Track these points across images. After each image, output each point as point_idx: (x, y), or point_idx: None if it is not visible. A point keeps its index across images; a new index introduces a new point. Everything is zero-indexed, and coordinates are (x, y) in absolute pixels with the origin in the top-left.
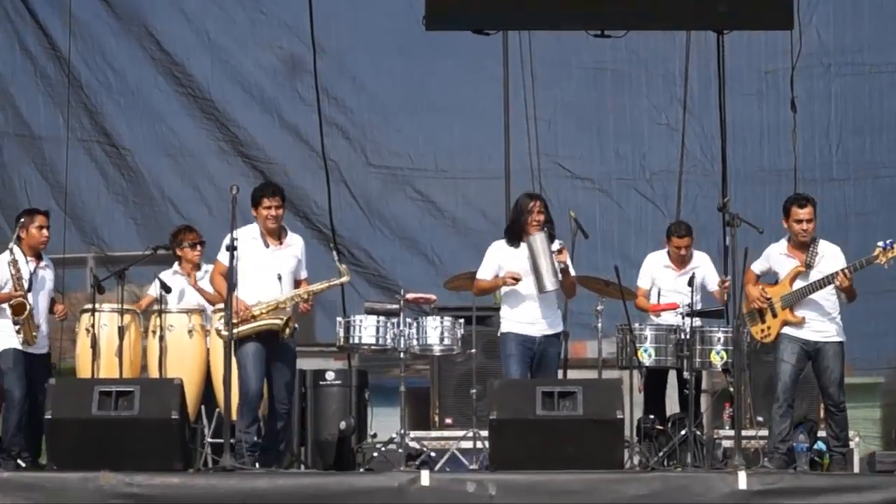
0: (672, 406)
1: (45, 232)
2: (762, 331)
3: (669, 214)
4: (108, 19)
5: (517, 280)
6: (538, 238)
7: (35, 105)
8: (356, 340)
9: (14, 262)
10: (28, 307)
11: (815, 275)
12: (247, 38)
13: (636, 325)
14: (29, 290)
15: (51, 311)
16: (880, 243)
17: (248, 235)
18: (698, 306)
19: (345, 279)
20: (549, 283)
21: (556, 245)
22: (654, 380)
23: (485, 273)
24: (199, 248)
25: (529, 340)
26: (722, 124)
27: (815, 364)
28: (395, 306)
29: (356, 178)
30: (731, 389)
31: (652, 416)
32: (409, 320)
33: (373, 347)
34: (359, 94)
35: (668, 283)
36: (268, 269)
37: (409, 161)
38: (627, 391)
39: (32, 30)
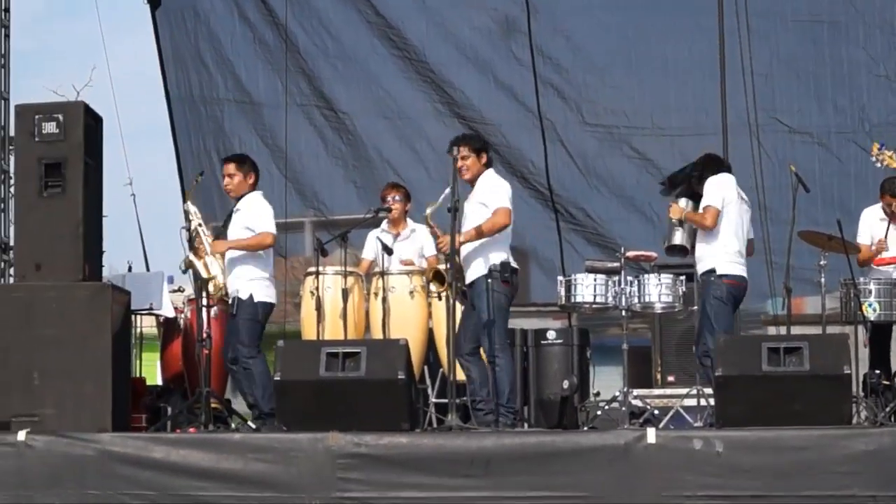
0: None
1: (226, 180)
2: None
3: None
4: None
5: None
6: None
7: (254, 71)
8: (578, 299)
9: None
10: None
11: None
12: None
13: (860, 279)
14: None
15: None
16: None
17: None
18: None
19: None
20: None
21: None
22: (880, 334)
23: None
24: (398, 204)
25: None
26: None
27: None
28: (615, 264)
29: (572, 137)
30: None
31: (878, 371)
32: (629, 278)
33: (594, 306)
34: (573, 52)
35: (888, 235)
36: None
37: (625, 119)
38: (852, 346)
39: None
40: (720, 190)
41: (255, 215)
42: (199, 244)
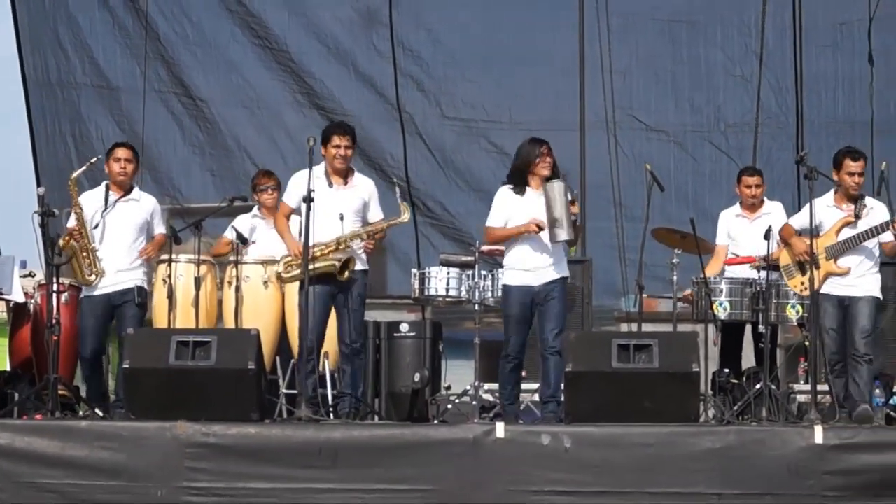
0: (747, 360)
1: (119, 165)
2: (802, 283)
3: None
4: None
5: (541, 228)
6: (557, 186)
7: (113, 56)
8: (431, 292)
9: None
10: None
11: (864, 225)
12: None
13: (711, 278)
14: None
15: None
16: None
17: (312, 175)
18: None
19: (405, 217)
20: (565, 233)
21: (570, 194)
22: (730, 334)
23: (496, 220)
24: (274, 193)
25: (528, 291)
26: (797, 76)
27: (847, 315)
28: (469, 258)
29: (431, 131)
30: (807, 343)
31: (727, 370)
32: (483, 273)
33: (447, 299)
34: (434, 45)
35: (742, 234)
36: (329, 209)
37: (483, 113)
38: (703, 345)
39: None
40: None
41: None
42: (78, 232)
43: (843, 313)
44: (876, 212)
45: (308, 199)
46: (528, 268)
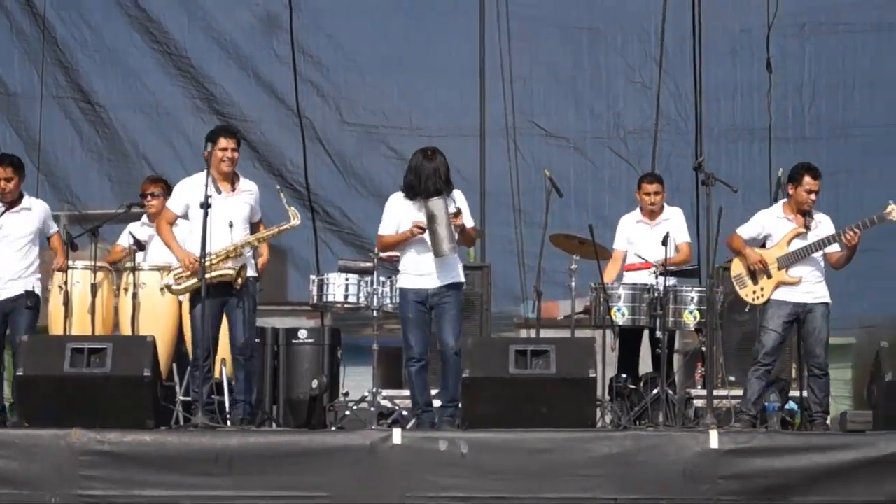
0: (645, 365)
1: (3, 183)
2: (755, 292)
3: (643, 173)
4: None
5: (423, 230)
6: (436, 202)
7: (10, 61)
8: (329, 299)
9: None
10: None
11: (815, 236)
12: None
13: (610, 283)
14: None
15: None
16: (892, 201)
17: (200, 182)
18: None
19: (295, 222)
20: (446, 249)
21: (452, 207)
22: (628, 339)
23: (387, 228)
24: (159, 199)
25: (424, 294)
26: (696, 83)
27: (802, 326)
28: (368, 265)
29: (331, 136)
30: (704, 349)
31: (624, 376)
32: (382, 279)
33: (345, 306)
34: (334, 51)
35: (642, 239)
36: (218, 216)
37: (384, 119)
38: (600, 350)
39: None
40: None
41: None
42: None
43: (796, 320)
44: (824, 224)
45: (205, 206)
46: (423, 272)
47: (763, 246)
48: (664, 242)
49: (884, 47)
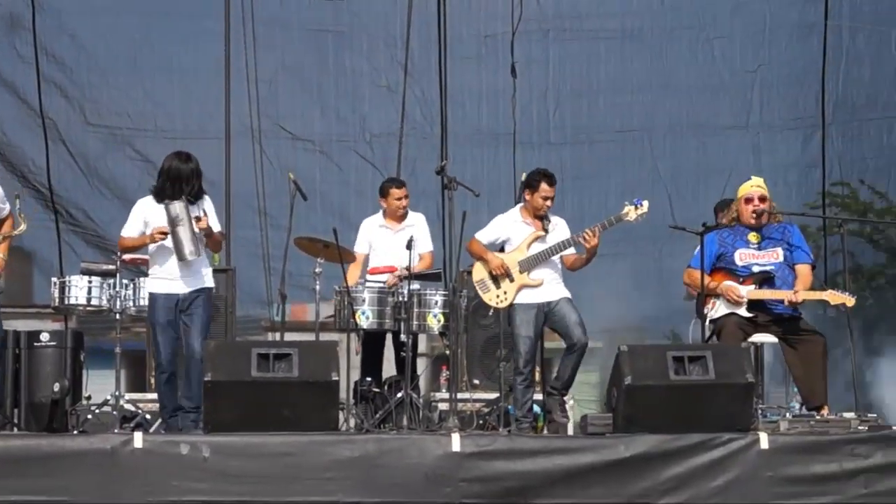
0: (389, 368)
1: None
2: (498, 297)
3: (388, 178)
4: None
5: (165, 234)
6: (177, 206)
7: None
8: (71, 301)
9: None
10: None
11: (553, 239)
12: None
13: (354, 287)
14: None
15: None
16: (632, 201)
17: None
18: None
19: (22, 228)
20: (188, 253)
21: (195, 211)
22: (372, 342)
23: (130, 230)
24: None
25: (173, 299)
26: (442, 88)
27: (552, 317)
28: (111, 267)
29: (75, 138)
30: (448, 353)
31: (369, 379)
32: (125, 282)
33: (88, 308)
34: (78, 51)
35: (385, 243)
36: None
37: (128, 121)
38: (345, 353)
39: None
40: None
41: None
42: None
43: (544, 318)
44: (560, 227)
45: None
46: (172, 277)
47: (502, 249)
48: (408, 246)
49: (626, 54)
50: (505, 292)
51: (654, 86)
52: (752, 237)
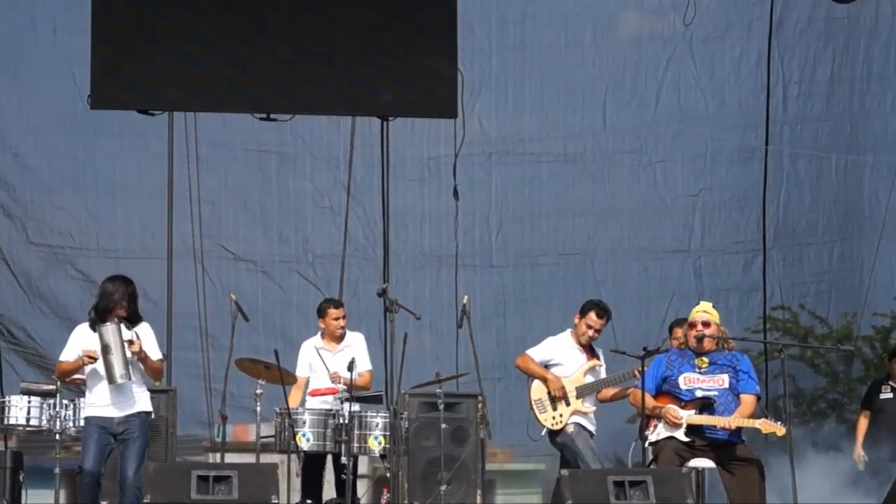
0: (330, 490)
1: None
2: (554, 418)
3: (326, 299)
4: None
5: (94, 359)
6: (110, 328)
7: None
8: (11, 421)
9: None
10: None
11: (601, 371)
12: None
13: (294, 409)
14: None
15: None
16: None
17: None
18: None
19: None
20: (118, 376)
21: (128, 334)
22: (313, 464)
23: (66, 354)
24: None
25: (109, 422)
26: (384, 209)
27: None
28: (51, 387)
29: (17, 256)
30: (389, 475)
31: (309, 501)
32: (66, 402)
33: (28, 429)
34: (21, 170)
35: (327, 364)
36: None
37: (71, 240)
38: (285, 476)
39: None
40: None
41: None
42: None
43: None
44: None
45: None
46: (104, 403)
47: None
48: (350, 368)
49: (569, 178)
50: (561, 415)
51: (597, 209)
52: (700, 362)
